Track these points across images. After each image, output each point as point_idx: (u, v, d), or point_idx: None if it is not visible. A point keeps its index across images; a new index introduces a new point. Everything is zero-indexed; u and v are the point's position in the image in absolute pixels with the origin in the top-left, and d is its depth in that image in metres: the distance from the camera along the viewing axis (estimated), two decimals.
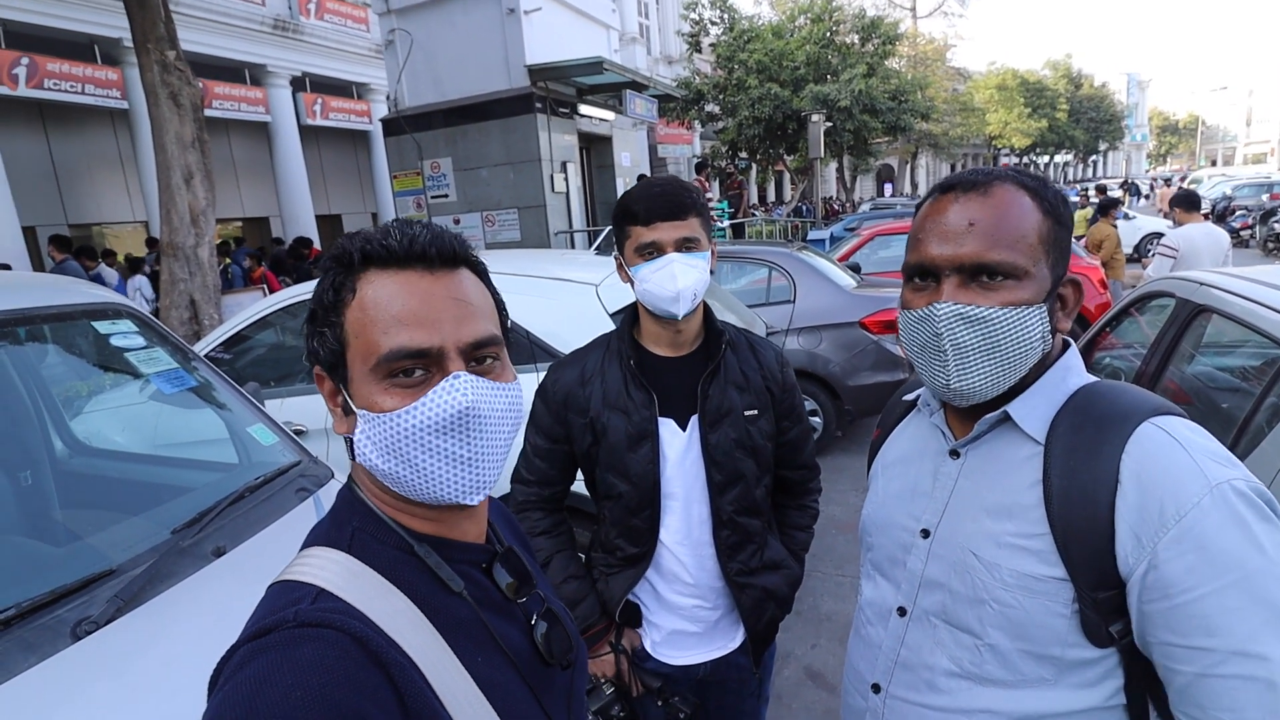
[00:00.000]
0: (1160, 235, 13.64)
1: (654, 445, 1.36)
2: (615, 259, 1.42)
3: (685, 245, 1.31)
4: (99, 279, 8.47)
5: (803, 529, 1.58)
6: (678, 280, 1.29)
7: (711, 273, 1.39)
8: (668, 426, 1.39)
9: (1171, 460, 0.72)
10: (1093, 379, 0.85)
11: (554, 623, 0.80)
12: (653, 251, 1.31)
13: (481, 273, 0.74)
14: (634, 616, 1.47)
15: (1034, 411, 0.83)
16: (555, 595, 0.91)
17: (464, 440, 0.66)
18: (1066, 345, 0.89)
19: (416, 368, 0.65)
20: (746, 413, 1.40)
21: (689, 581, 1.42)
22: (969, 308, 0.78)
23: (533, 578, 0.81)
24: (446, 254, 0.68)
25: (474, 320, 0.68)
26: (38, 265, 11.22)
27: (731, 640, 1.48)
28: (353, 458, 0.73)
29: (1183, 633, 0.69)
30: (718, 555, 1.41)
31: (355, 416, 0.68)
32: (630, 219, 1.33)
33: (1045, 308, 0.79)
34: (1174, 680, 0.72)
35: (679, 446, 1.39)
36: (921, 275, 0.84)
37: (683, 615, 1.44)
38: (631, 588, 1.43)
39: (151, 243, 10.50)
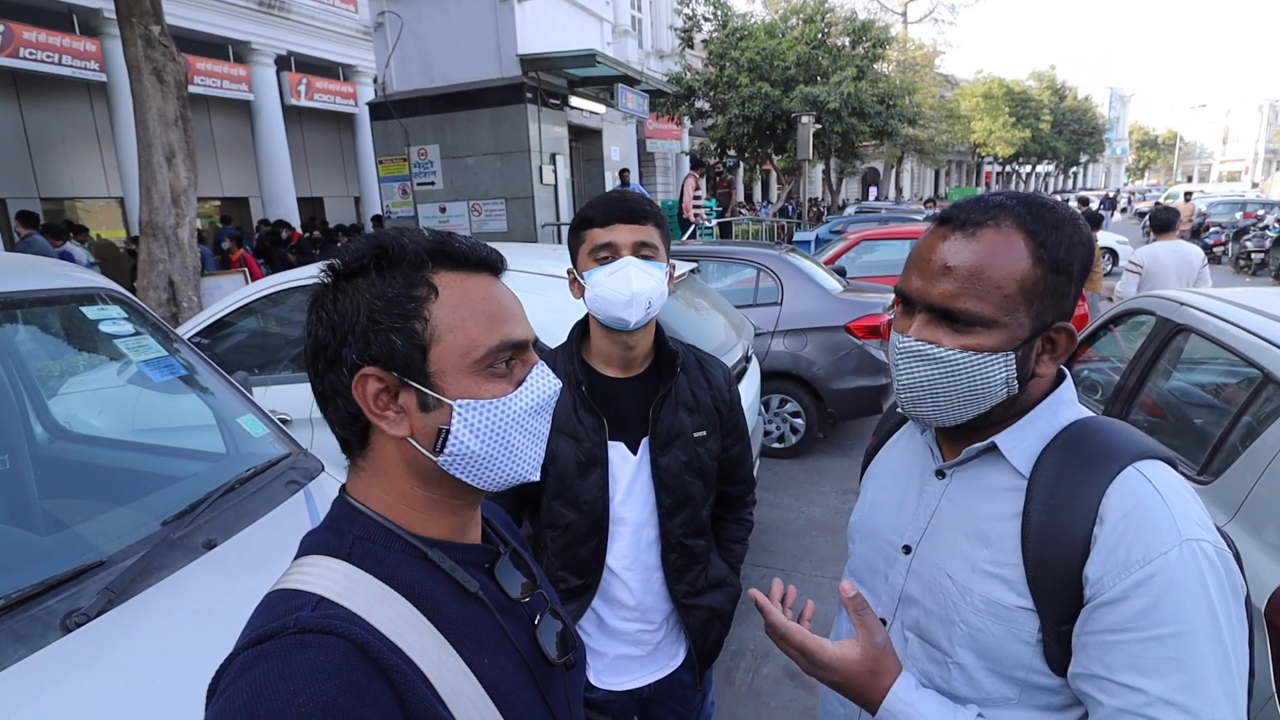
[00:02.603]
0: (1110, 251, 13.91)
1: (604, 471, 1.33)
2: (568, 273, 1.36)
3: (643, 250, 1.27)
4: (67, 257, 8.26)
5: (739, 541, 1.59)
6: (632, 283, 1.23)
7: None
8: (618, 450, 1.35)
9: (1150, 507, 0.74)
10: (1085, 414, 0.86)
11: (560, 622, 0.81)
12: (608, 255, 1.27)
13: None
14: None
15: (1022, 444, 0.84)
16: (556, 596, 0.92)
17: (544, 420, 0.75)
18: (1062, 377, 0.89)
19: (510, 359, 0.71)
20: (696, 434, 1.38)
21: (633, 606, 1.40)
22: (927, 346, 0.80)
23: (536, 578, 0.82)
24: (503, 265, 0.76)
25: (528, 319, 0.75)
26: (8, 239, 10.93)
27: (674, 659, 1.47)
28: (354, 465, 0.73)
29: (1117, 669, 0.71)
30: (665, 578, 1.40)
31: (443, 410, 0.68)
32: (586, 224, 1.29)
33: (1013, 356, 0.78)
34: (1096, 710, 0.73)
35: (629, 471, 1.36)
36: (904, 302, 0.85)
37: (626, 640, 1.42)
38: (576, 621, 1.39)
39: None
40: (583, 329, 1.41)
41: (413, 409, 0.68)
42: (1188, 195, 20.70)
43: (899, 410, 1.06)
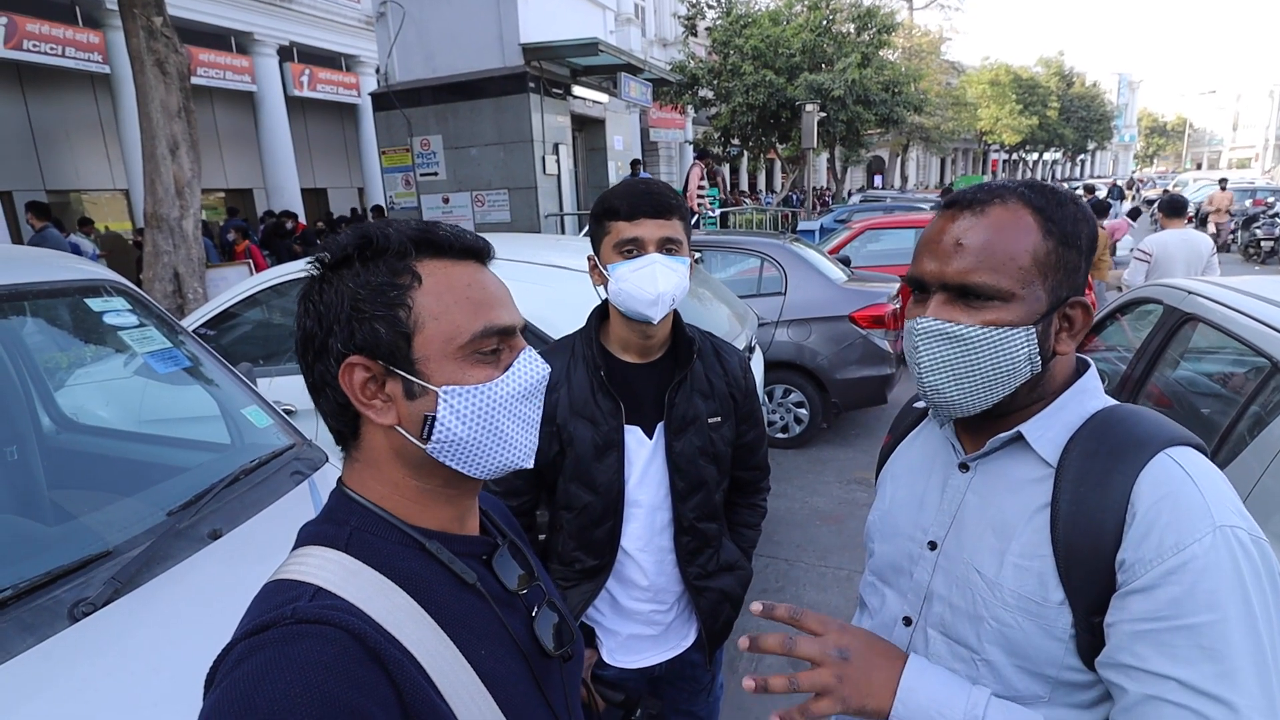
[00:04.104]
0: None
1: (620, 454, 1.35)
2: (589, 259, 1.36)
3: (668, 246, 1.28)
4: (74, 249, 8.31)
5: (752, 527, 1.60)
6: (658, 282, 1.25)
7: (701, 262, 1.36)
8: (634, 435, 1.37)
9: (1182, 494, 0.72)
10: (1111, 402, 0.84)
11: (557, 614, 0.82)
12: (633, 249, 1.27)
13: None
14: (586, 637, 1.45)
15: (1048, 433, 0.82)
16: (554, 588, 0.92)
17: (535, 406, 0.75)
18: (1086, 366, 0.88)
19: (496, 345, 0.71)
20: (710, 420, 1.39)
21: (646, 587, 1.42)
22: (947, 325, 0.79)
23: (534, 570, 0.82)
24: (489, 253, 0.76)
25: (515, 305, 0.75)
26: (14, 230, 10.97)
27: (685, 639, 1.49)
28: (349, 457, 0.74)
29: (1147, 657, 0.69)
30: (678, 561, 1.42)
31: (429, 396, 0.68)
32: (611, 215, 1.29)
33: (1034, 330, 0.78)
34: (1122, 697, 0.72)
35: (644, 455, 1.38)
36: (918, 288, 0.84)
37: (639, 620, 1.44)
38: (590, 602, 1.41)
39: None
40: (601, 314, 1.42)
41: (399, 397, 0.69)
42: (1223, 183, 16.40)
43: (921, 403, 1.04)
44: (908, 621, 0.93)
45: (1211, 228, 14.01)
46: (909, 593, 0.93)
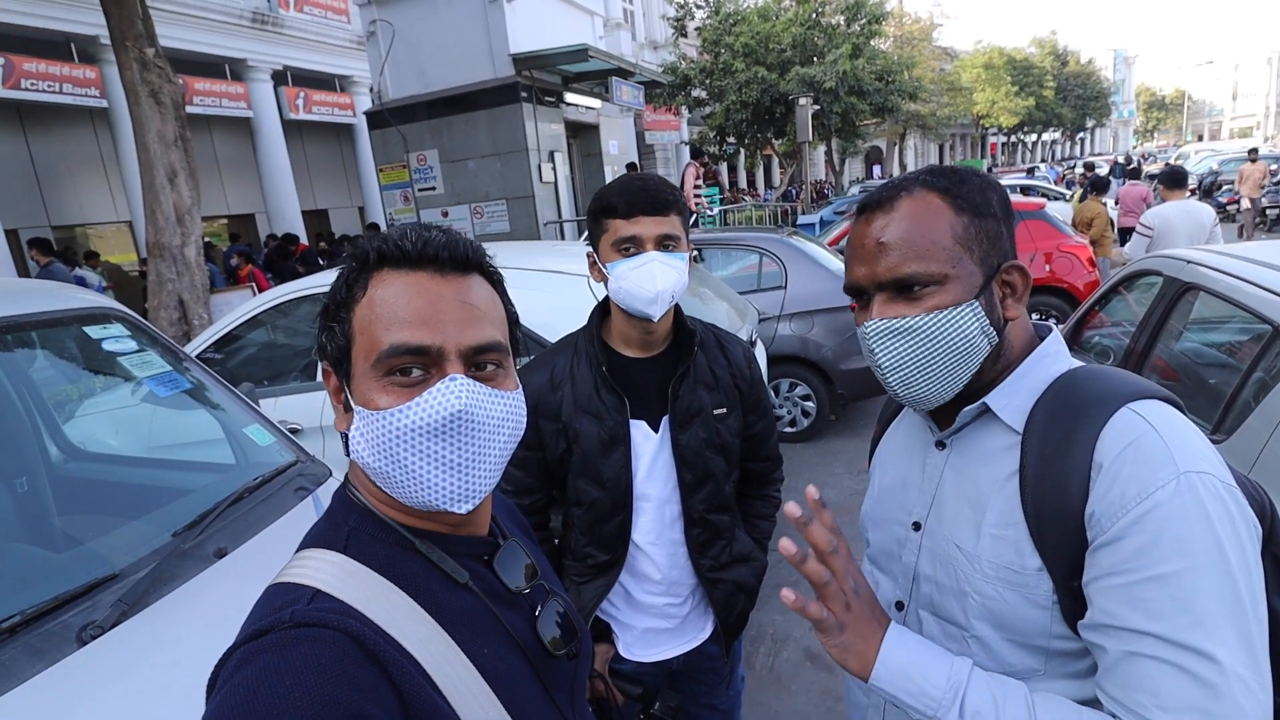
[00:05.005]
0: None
1: (626, 449, 1.35)
2: (588, 255, 1.37)
3: (666, 243, 1.28)
4: (80, 282, 8.41)
5: (766, 518, 1.60)
6: (657, 281, 1.25)
7: (700, 260, 1.36)
8: (639, 429, 1.37)
9: (1144, 444, 0.71)
10: (1076, 364, 0.84)
11: (560, 613, 0.81)
12: (631, 247, 1.27)
13: (496, 282, 0.75)
14: (603, 631, 1.46)
15: (1012, 401, 0.82)
16: (561, 586, 0.92)
17: (455, 445, 0.67)
18: (1048, 331, 0.88)
19: (415, 366, 0.66)
20: (716, 411, 1.39)
21: (659, 580, 1.42)
22: (896, 321, 0.80)
23: (537, 569, 0.82)
24: (459, 258, 0.69)
25: (478, 325, 0.69)
26: (21, 268, 11.10)
27: (702, 632, 1.49)
28: (349, 455, 0.74)
29: (1120, 613, 0.68)
30: (690, 553, 1.42)
31: (351, 413, 0.69)
32: (609, 213, 1.29)
33: (978, 304, 0.79)
34: (1102, 658, 0.70)
35: (651, 449, 1.38)
36: (856, 295, 0.86)
37: (655, 614, 1.44)
38: (604, 595, 1.41)
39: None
40: (603, 310, 1.42)
41: (342, 408, 0.71)
42: (1253, 154, 13.87)
43: (896, 398, 1.05)
44: (900, 606, 0.93)
45: (1246, 203, 13.03)
46: (899, 576, 0.93)
